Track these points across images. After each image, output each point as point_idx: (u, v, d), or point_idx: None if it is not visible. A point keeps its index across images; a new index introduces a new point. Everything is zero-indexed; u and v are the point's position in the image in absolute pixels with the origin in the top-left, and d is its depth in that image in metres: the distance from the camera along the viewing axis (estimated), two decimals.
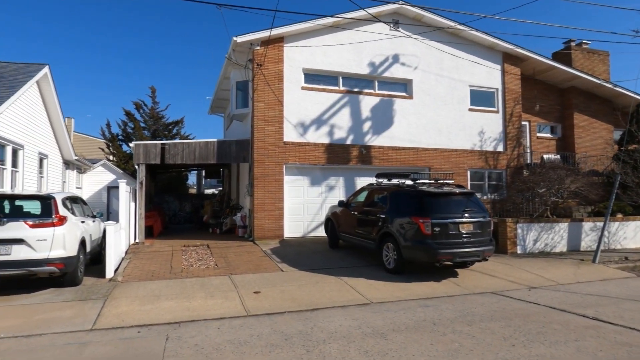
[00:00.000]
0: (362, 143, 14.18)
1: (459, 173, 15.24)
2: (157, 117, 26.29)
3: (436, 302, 6.98)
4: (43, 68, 12.76)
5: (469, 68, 15.70)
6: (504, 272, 9.21)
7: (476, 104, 15.88)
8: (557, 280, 8.58)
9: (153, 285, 7.83)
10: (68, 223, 7.40)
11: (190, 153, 13.04)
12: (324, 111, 13.80)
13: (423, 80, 15.04)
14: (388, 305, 6.75)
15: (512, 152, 16.17)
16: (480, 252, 8.29)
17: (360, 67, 14.29)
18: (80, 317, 6.06)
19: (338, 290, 7.63)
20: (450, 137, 15.33)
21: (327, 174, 14.02)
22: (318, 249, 11.56)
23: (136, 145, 12.73)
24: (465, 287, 7.97)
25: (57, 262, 7.02)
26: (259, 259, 10.41)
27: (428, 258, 8.12)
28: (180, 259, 10.28)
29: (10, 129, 11.00)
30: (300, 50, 13.62)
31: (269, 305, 6.70)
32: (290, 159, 13.29)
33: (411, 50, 14.90)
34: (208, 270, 9.16)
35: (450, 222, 8.13)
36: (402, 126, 14.68)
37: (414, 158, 14.74)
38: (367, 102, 14.34)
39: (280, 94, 13.26)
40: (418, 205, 8.37)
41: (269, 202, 12.96)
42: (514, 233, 11.47)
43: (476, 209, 8.59)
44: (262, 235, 12.81)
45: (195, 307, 6.58)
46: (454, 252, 8.07)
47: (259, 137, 12.99)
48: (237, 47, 13.11)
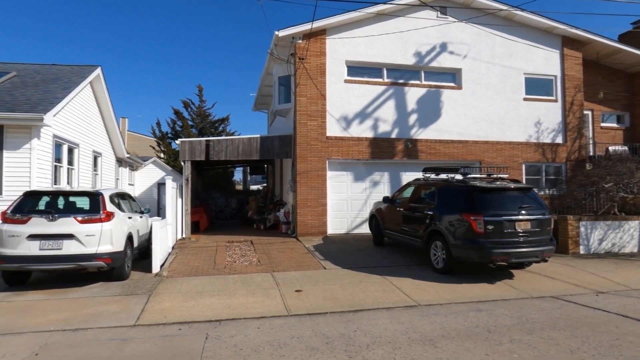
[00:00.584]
0: (408, 137, 13.63)
1: (513, 167, 14.30)
2: (204, 115, 26.91)
3: (490, 306, 6.45)
4: (96, 69, 13.28)
5: (523, 54, 14.66)
6: (566, 274, 8.44)
7: (532, 93, 14.81)
8: (629, 285, 7.72)
9: (196, 281, 7.85)
10: (115, 219, 7.54)
11: (234, 149, 13.10)
12: (368, 104, 13.39)
13: (473, 69, 14.22)
14: (437, 309, 6.32)
15: (573, 144, 14.95)
16: (539, 252, 7.62)
17: (405, 57, 13.71)
18: (125, 312, 6.12)
19: (383, 290, 7.27)
20: (503, 129, 14.41)
21: (371, 169, 13.61)
22: (362, 247, 11.22)
23: (182, 142, 12.95)
24: (523, 290, 7.35)
25: (105, 257, 7.18)
26: (302, 256, 10.23)
27: (480, 258, 7.56)
28: (224, 255, 10.32)
29: (66, 128, 11.51)
30: (343, 42, 13.27)
31: (311, 305, 6.47)
32: (333, 154, 13.02)
33: (460, 37, 14.12)
34: (250, 267, 9.10)
35: (505, 220, 7.52)
36: (450, 118, 13.97)
37: (463, 152, 13.99)
38: (412, 93, 13.76)
39: (322, 88, 13.00)
40: (469, 201, 7.82)
41: (311, 198, 12.76)
42: (576, 232, 10.55)
43: (534, 205, 7.90)
44: (305, 232, 12.64)
45: (236, 304, 6.48)
46: (510, 252, 7.45)
47: (302, 132, 12.81)
48: (279, 42, 12.97)
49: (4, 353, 4.64)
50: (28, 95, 10.48)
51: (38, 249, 6.85)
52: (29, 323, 5.66)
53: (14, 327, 5.52)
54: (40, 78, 12.01)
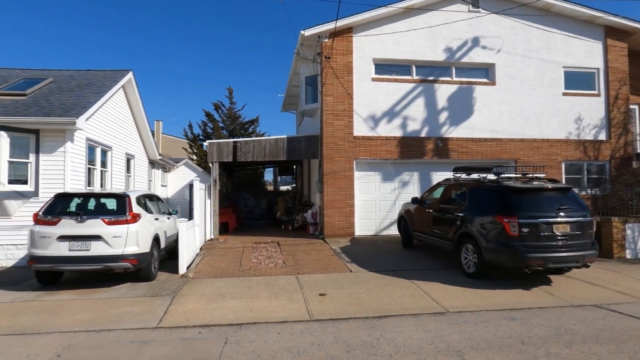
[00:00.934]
0: (438, 135, 13.19)
1: (551, 166, 13.57)
2: (234, 117, 27.24)
3: (525, 314, 6.05)
4: (127, 74, 13.61)
5: (562, 47, 13.90)
6: (610, 281, 7.85)
7: (572, 87, 14.02)
8: None
9: (221, 283, 7.83)
10: (141, 220, 7.63)
11: (261, 150, 13.09)
12: (396, 103, 13.06)
13: (507, 64, 13.60)
14: (467, 316, 5.98)
15: (618, 140, 14.04)
16: (579, 257, 7.11)
17: (435, 53, 13.28)
18: (148, 313, 6.15)
19: (410, 295, 6.99)
20: (540, 126, 13.71)
21: (400, 169, 13.27)
22: (390, 249, 10.93)
23: (210, 144, 13.07)
24: (561, 297, 6.87)
25: (131, 258, 7.26)
26: (328, 258, 10.06)
27: (514, 263, 7.14)
28: (250, 257, 10.29)
29: (99, 131, 11.83)
30: (370, 39, 13.00)
31: (334, 310, 6.29)
32: (360, 154, 12.77)
33: (493, 31, 13.54)
34: (275, 269, 9.01)
35: (541, 222, 7.06)
36: (483, 115, 13.42)
37: (497, 150, 13.41)
38: (443, 90, 13.31)
39: (349, 87, 12.78)
40: (502, 202, 7.40)
41: (339, 199, 12.57)
42: (621, 234, 9.85)
43: (574, 206, 7.39)
44: (332, 233, 12.46)
45: (258, 307, 6.38)
46: (547, 256, 6.99)
47: (328, 132, 12.64)
48: (304, 41, 12.86)
49: (29, 353, 4.71)
50: (62, 100, 10.83)
51: (67, 250, 7.01)
52: (56, 323, 5.77)
53: (43, 326, 5.64)
54: (75, 83, 12.42)
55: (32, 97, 10.99)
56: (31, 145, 9.80)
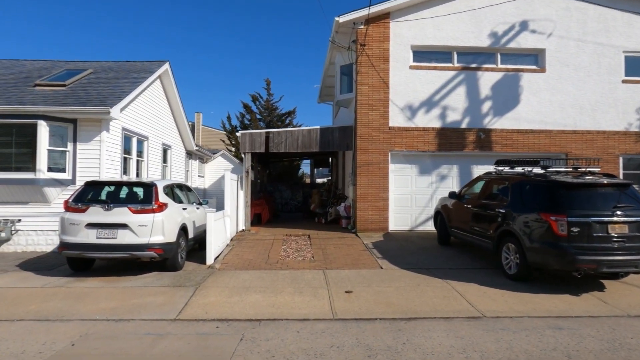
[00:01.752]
0: (480, 126, 12.39)
1: (608, 160, 12.44)
2: (271, 108, 27.23)
3: (573, 323, 5.42)
4: (164, 64, 13.74)
5: (623, 29, 12.64)
6: None
7: (634, 74, 12.74)
8: None
9: (246, 276, 7.65)
10: (168, 210, 7.57)
11: (294, 141, 12.84)
12: (435, 92, 12.37)
13: (559, 49, 12.53)
14: (505, 322, 5.44)
15: None
16: (638, 261, 6.32)
17: (478, 39, 12.44)
18: (169, 304, 6.04)
19: (443, 296, 6.50)
20: (595, 117, 12.57)
21: (438, 161, 12.60)
22: (425, 245, 10.38)
23: (242, 134, 12.97)
24: (616, 305, 6.15)
25: (157, 247, 7.22)
26: (359, 253, 9.67)
27: (562, 265, 6.46)
28: (279, 249, 10.09)
29: (135, 121, 12.00)
30: (409, 25, 12.36)
31: (359, 309, 5.92)
32: (396, 146, 12.22)
33: (543, 13, 12.50)
34: (303, 263, 8.74)
35: (594, 221, 6.33)
36: (530, 105, 12.46)
37: (545, 142, 12.43)
38: (486, 78, 12.46)
39: (385, 75, 12.23)
40: (549, 199, 6.72)
41: (372, 192, 12.11)
42: None
43: (635, 205, 6.58)
44: (365, 228, 12.04)
45: (280, 303, 6.12)
46: (600, 259, 6.26)
47: (362, 122, 12.18)
48: (339, 29, 12.42)
49: (45, 340, 4.69)
50: (100, 90, 11.04)
51: (95, 237, 7.06)
52: (80, 310, 5.78)
53: (66, 313, 5.66)
54: (113, 74, 12.67)
55: (71, 87, 11.28)
56: (69, 135, 10.04)
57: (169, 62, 13.95)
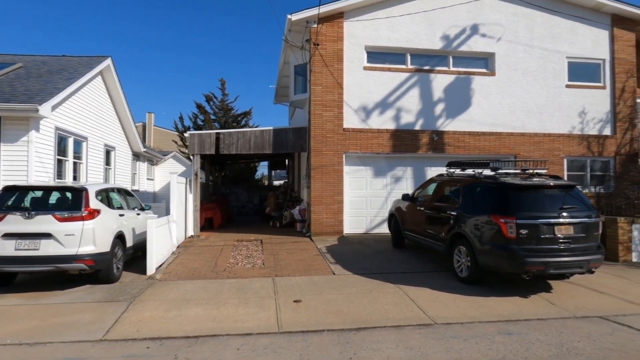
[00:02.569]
0: (434, 128, 12.44)
1: (553, 162, 12.84)
2: (226, 109, 26.46)
3: (522, 327, 5.34)
4: (105, 60, 12.84)
5: (567, 36, 13.11)
6: (617, 288, 7.14)
7: (576, 79, 13.25)
8: None
9: (189, 286, 7.12)
10: (101, 216, 6.91)
11: (245, 142, 12.35)
12: (389, 93, 12.29)
13: (508, 53, 12.82)
14: (456, 329, 5.28)
15: (624, 135, 13.28)
16: (583, 262, 6.39)
17: (432, 41, 12.50)
18: (97, 322, 5.44)
19: (395, 303, 6.28)
20: (542, 120, 12.95)
21: (393, 163, 12.52)
22: (380, 249, 10.22)
23: (191, 135, 12.33)
24: (563, 307, 6.17)
25: (87, 258, 6.55)
26: (312, 258, 9.35)
27: (512, 268, 6.42)
28: (228, 256, 9.58)
29: (72, 121, 11.09)
30: (363, 25, 12.21)
31: (307, 320, 5.58)
32: (350, 147, 12.02)
33: (493, 18, 12.75)
34: (253, 270, 8.30)
35: (542, 223, 6.34)
36: (482, 107, 12.66)
37: (496, 145, 12.66)
38: (439, 81, 12.53)
39: (339, 76, 12.01)
40: (499, 201, 6.68)
41: (327, 195, 11.84)
42: (628, 236, 9.13)
43: (579, 206, 6.67)
44: (320, 231, 11.75)
45: (223, 316, 5.68)
46: (547, 261, 6.28)
47: (316, 123, 11.89)
48: (292, 27, 12.07)
49: None
50: (29, 86, 10.08)
51: (14, 249, 6.29)
52: None
53: None
54: (46, 69, 11.66)
55: None
56: None
57: (110, 57, 13.06)
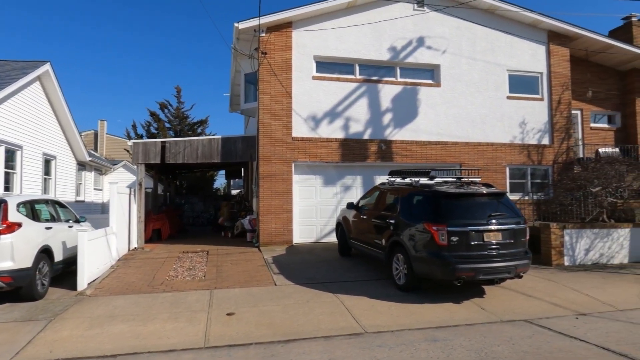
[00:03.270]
0: (382, 137, 12.64)
1: (496, 170, 13.34)
2: (182, 117, 25.92)
3: (449, 333, 5.44)
4: (43, 65, 12.27)
5: (507, 50, 13.74)
6: (546, 291, 7.43)
7: (516, 91, 13.88)
8: (616, 305, 6.72)
9: (119, 302, 6.81)
10: (22, 230, 6.51)
11: (193, 151, 12.08)
12: (338, 103, 12.41)
13: (453, 65, 13.27)
14: (385, 338, 5.30)
15: (560, 145, 14.00)
16: (511, 267, 6.61)
17: (379, 52, 12.75)
18: (7, 344, 5.09)
19: (330, 312, 6.25)
20: (485, 130, 13.45)
21: (343, 172, 12.61)
22: (327, 257, 10.20)
23: (135, 144, 11.93)
24: (493, 311, 6.34)
25: (4, 275, 6.15)
26: (256, 269, 9.20)
27: (443, 275, 6.55)
28: (169, 268, 9.27)
29: (3, 129, 10.48)
30: (312, 35, 12.31)
31: (236, 333, 5.45)
32: (299, 156, 12.01)
33: (438, 31, 13.18)
34: (192, 283, 8.06)
35: (472, 230, 6.51)
36: (428, 118, 13.00)
37: (442, 154, 13.01)
38: (387, 91, 12.78)
39: (288, 85, 12.01)
40: (432, 209, 6.82)
41: (275, 204, 11.74)
42: (560, 241, 9.56)
43: (508, 213, 6.91)
44: (269, 241, 11.61)
45: (148, 333, 5.45)
46: (477, 267, 6.44)
47: (265, 132, 11.81)
48: (240, 35, 12.00)
49: None
50: None
51: None
52: None
53: None
54: None
55: None
56: None
57: (50, 62, 12.49)
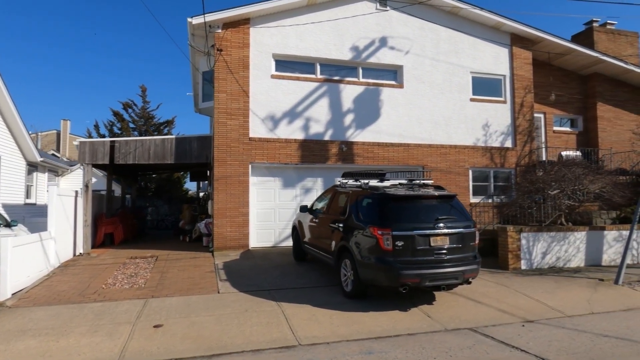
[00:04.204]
0: (343, 139, 12.34)
1: (459, 172, 13.21)
2: (147, 117, 25.13)
3: (387, 344, 5.11)
4: None
5: (470, 52, 13.65)
6: (497, 297, 7.21)
7: (480, 93, 13.80)
8: (564, 310, 6.55)
9: (39, 313, 6.25)
10: None
11: (144, 152, 11.52)
12: (298, 102, 12.05)
13: (416, 66, 13.09)
14: (318, 350, 4.94)
15: (523, 148, 13.99)
16: (458, 273, 6.34)
17: (341, 52, 12.46)
18: None
19: (266, 323, 5.85)
20: (448, 132, 13.30)
21: (303, 174, 12.24)
22: (281, 262, 9.80)
23: (81, 143, 11.30)
24: (438, 319, 6.06)
25: None
26: (202, 275, 8.72)
27: (388, 281, 6.24)
28: (109, 275, 8.70)
29: None
30: (271, 33, 11.92)
31: (157, 348, 5.00)
32: (257, 158, 11.58)
33: (402, 32, 12.98)
34: (129, 292, 7.53)
35: (418, 235, 6.22)
36: (390, 119, 12.77)
37: (404, 155, 12.79)
38: (349, 91, 12.50)
39: (245, 83, 11.59)
40: (377, 213, 6.51)
41: (231, 207, 11.28)
42: (517, 244, 9.42)
43: (456, 216, 6.65)
44: (223, 246, 11.14)
45: (58, 349, 4.94)
46: (423, 273, 6.15)
47: (220, 132, 11.34)
48: (195, 31, 11.52)
49: None
50: None
51: None
52: None
53: None
54: None
55: None
56: None
57: None
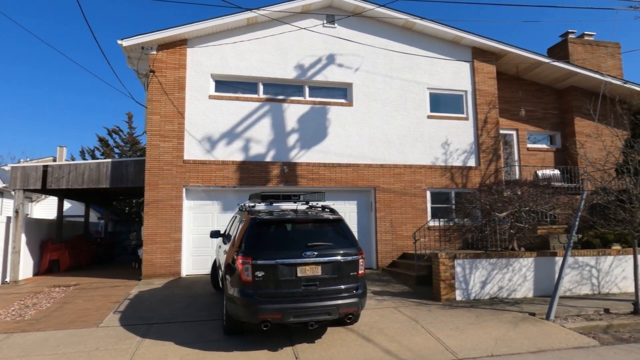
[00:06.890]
0: (287, 160, 11.78)
1: (416, 194, 12.39)
2: (133, 142, 25.30)
3: None
4: None
5: (426, 67, 13.03)
6: (394, 334, 6.35)
7: (438, 110, 13.09)
8: (459, 352, 5.63)
9: None
10: None
11: (78, 176, 11.24)
12: (238, 123, 11.62)
13: (367, 84, 12.53)
14: None
15: (488, 167, 13.08)
16: (332, 308, 5.56)
17: (285, 70, 12.06)
18: None
19: None
20: (403, 151, 12.57)
21: (244, 197, 11.63)
22: (200, 293, 9.15)
23: (12, 168, 11.13)
24: None
25: None
26: (102, 306, 8.16)
27: (246, 316, 5.52)
28: (7, 306, 8.25)
29: None
30: (209, 53, 11.65)
31: None
32: (191, 181, 11.13)
33: (351, 49, 12.51)
34: (4, 325, 7.04)
35: (281, 264, 5.52)
36: (339, 138, 12.16)
37: (353, 177, 12.10)
38: (293, 111, 12.01)
39: (181, 105, 11.27)
40: (243, 239, 5.85)
41: (162, 233, 10.78)
42: (450, 272, 8.49)
43: (335, 243, 5.92)
44: (152, 273, 10.60)
45: None
46: (285, 307, 5.42)
47: (152, 155, 10.98)
48: (130, 53, 11.35)
49: None
50: None
51: None
52: None
53: None
54: None
55: None
56: None
57: None
